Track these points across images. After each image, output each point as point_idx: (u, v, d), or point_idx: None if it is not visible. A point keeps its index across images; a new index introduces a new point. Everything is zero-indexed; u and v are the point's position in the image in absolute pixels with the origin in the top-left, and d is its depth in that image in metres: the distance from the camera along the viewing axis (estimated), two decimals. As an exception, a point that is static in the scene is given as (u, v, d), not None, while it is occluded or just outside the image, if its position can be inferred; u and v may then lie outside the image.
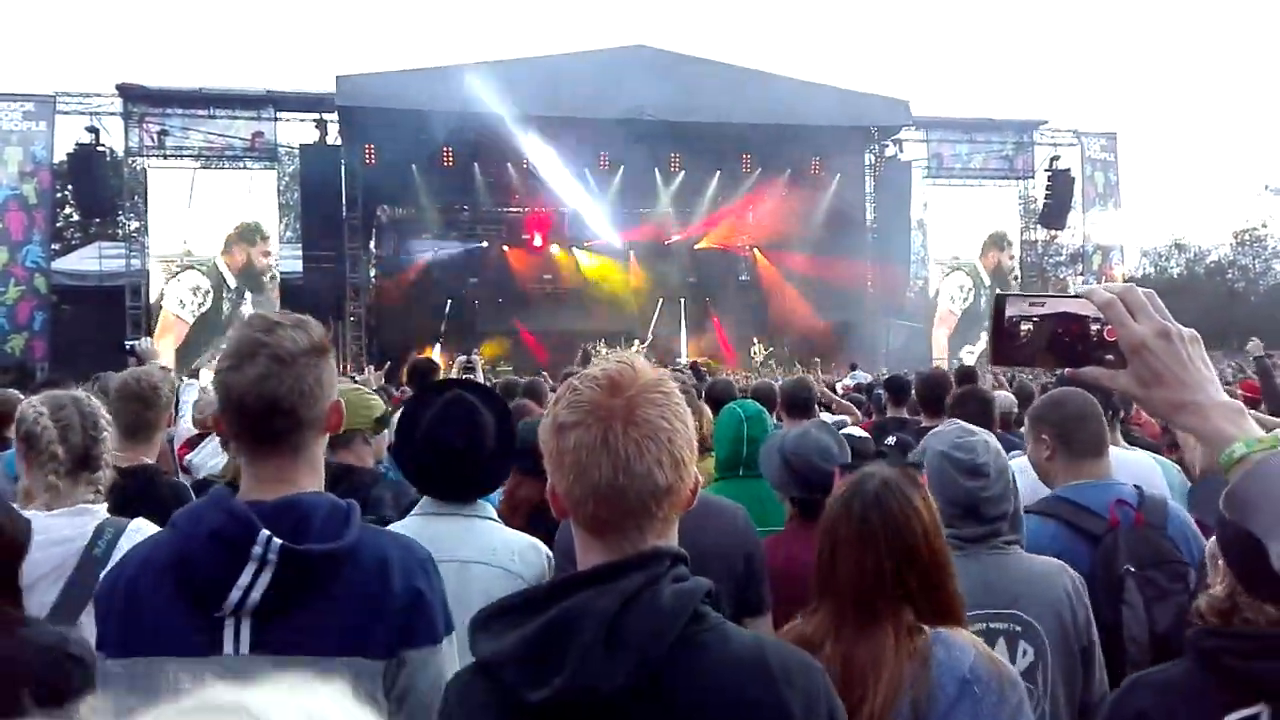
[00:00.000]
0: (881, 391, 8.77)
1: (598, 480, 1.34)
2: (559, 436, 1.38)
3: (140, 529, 2.53)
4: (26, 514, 2.53)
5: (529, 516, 3.19)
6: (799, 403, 5.46)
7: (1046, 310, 1.22)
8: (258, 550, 1.65)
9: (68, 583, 2.39)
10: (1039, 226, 25.27)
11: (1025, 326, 1.22)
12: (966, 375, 8.05)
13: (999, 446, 2.55)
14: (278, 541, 1.65)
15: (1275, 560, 1.10)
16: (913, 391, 6.84)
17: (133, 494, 3.00)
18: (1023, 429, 3.64)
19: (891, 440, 4.82)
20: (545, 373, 12.00)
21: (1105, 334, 1.20)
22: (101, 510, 2.58)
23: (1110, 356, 1.20)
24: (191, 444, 4.97)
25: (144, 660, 1.68)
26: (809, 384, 5.94)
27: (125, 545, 2.43)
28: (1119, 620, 2.66)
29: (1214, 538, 1.91)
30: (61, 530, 2.47)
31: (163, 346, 17.73)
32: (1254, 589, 1.72)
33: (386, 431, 3.63)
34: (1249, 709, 1.61)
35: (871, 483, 2.06)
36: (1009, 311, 1.22)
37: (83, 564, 2.42)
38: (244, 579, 1.64)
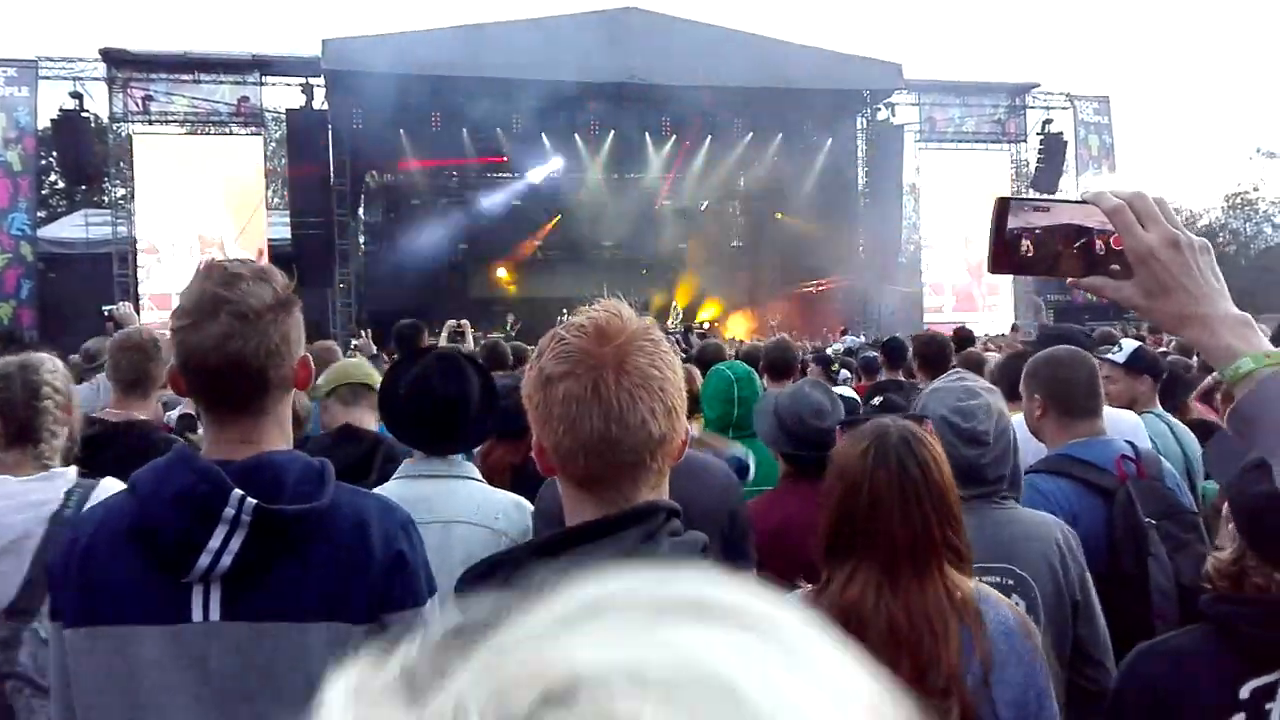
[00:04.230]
0: (875, 354, 8.76)
1: (590, 432, 1.28)
2: (546, 389, 1.31)
3: (109, 488, 2.44)
4: None
5: (511, 480, 3.14)
6: (780, 365, 5.46)
7: (1050, 217, 1.14)
8: (229, 511, 1.57)
9: (39, 548, 2.32)
10: (1032, 191, 25.18)
11: (1026, 235, 1.14)
12: (964, 338, 8.04)
13: (1000, 407, 2.48)
14: (252, 501, 1.57)
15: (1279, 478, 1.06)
16: (910, 354, 6.83)
17: (125, 450, 2.92)
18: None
19: (877, 401, 4.78)
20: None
21: (1111, 242, 1.13)
22: (72, 474, 2.50)
23: (1116, 266, 1.13)
24: None
25: (106, 629, 1.61)
26: (789, 346, 5.93)
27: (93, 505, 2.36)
28: (1145, 572, 2.65)
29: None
30: (31, 495, 2.40)
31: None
32: (1264, 551, 1.69)
33: None
34: (1266, 677, 1.58)
35: (894, 434, 1.97)
36: (1011, 218, 1.14)
37: (54, 525, 2.35)
38: (214, 542, 1.56)
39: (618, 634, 0.35)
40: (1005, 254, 1.15)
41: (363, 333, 13.89)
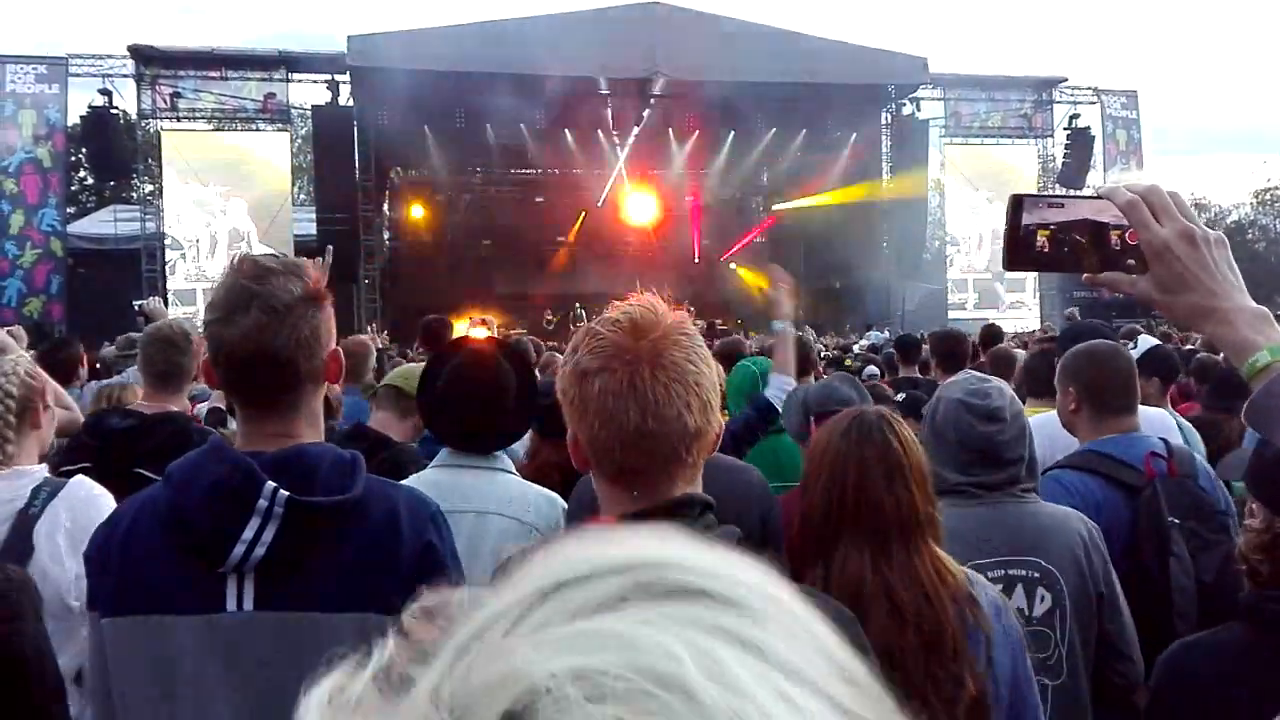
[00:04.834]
0: (892, 351, 8.74)
1: (626, 426, 1.29)
2: (582, 383, 1.32)
3: (78, 487, 2.46)
4: None
5: (561, 481, 3.01)
6: (799, 361, 5.45)
7: (1065, 213, 1.15)
8: (263, 503, 1.59)
9: (3, 544, 2.31)
10: (1058, 186, 24.98)
11: (1042, 231, 1.15)
12: (992, 335, 8.00)
13: (1013, 394, 2.53)
14: (284, 493, 1.59)
15: None
16: (926, 349, 6.81)
17: (159, 442, 2.94)
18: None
19: (900, 396, 4.80)
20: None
21: (1127, 237, 1.13)
22: (39, 471, 2.48)
23: (1131, 261, 1.13)
24: None
25: (142, 618, 1.63)
26: (807, 342, 5.92)
27: (61, 504, 2.37)
28: (1166, 571, 2.64)
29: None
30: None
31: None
32: None
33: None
34: None
35: (872, 415, 2.02)
36: (1026, 214, 1.15)
37: (17, 524, 2.33)
38: (248, 533, 1.59)
39: (574, 631, 0.35)
40: (1020, 250, 1.16)
41: (369, 327, 14.00)
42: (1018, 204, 1.16)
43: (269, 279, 1.66)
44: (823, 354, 9.81)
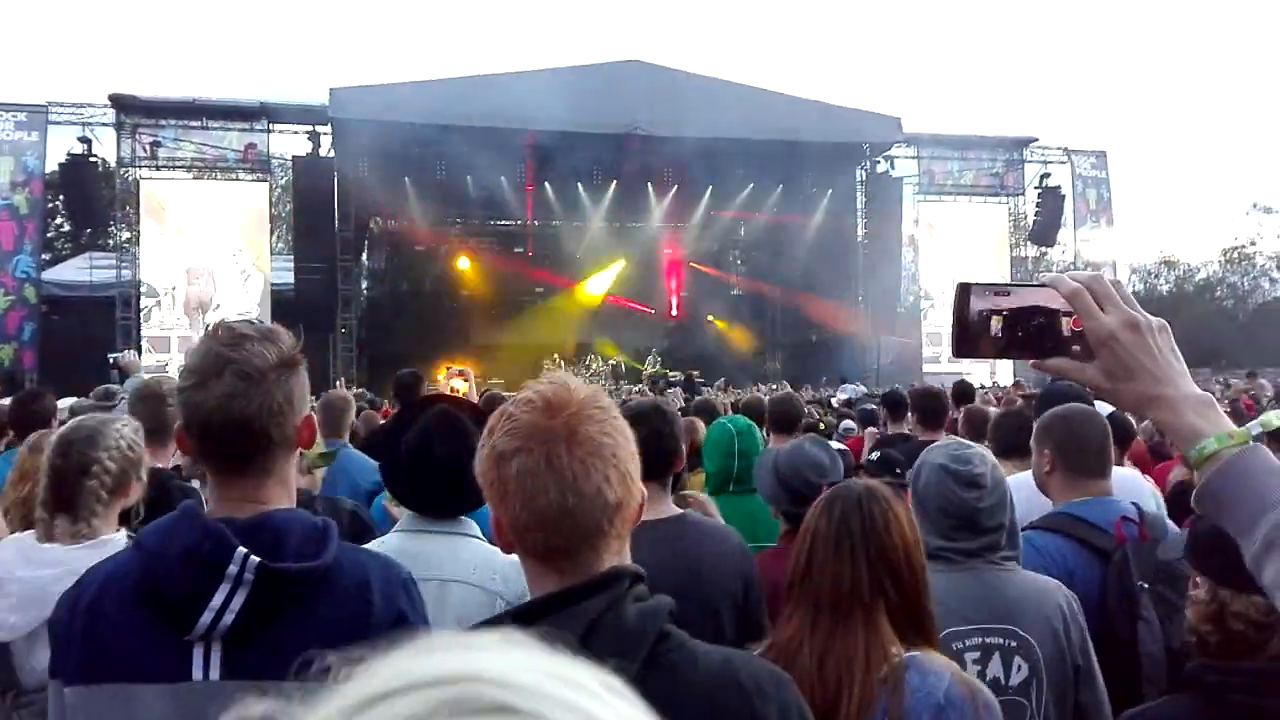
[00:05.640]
0: (872, 406, 8.78)
1: (547, 505, 1.29)
2: (500, 466, 1.32)
3: None
4: (47, 547, 2.46)
5: None
6: (786, 419, 5.44)
7: (1012, 301, 1.16)
8: (233, 569, 1.56)
9: None
10: (1029, 243, 25.38)
11: (992, 319, 1.16)
12: (963, 391, 8.06)
13: (995, 460, 2.54)
14: (255, 559, 1.57)
15: (1249, 560, 1.06)
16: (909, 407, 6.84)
17: (146, 501, 2.93)
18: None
19: (874, 455, 4.83)
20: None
21: (1072, 325, 1.15)
22: (121, 539, 2.49)
23: (1078, 348, 1.15)
24: None
25: (107, 687, 1.60)
26: (796, 400, 5.92)
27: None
28: (1135, 636, 2.65)
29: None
30: (81, 561, 2.33)
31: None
32: (1230, 579, 1.70)
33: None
34: None
35: (854, 490, 2.08)
36: (973, 302, 1.16)
37: None
38: (217, 600, 1.56)
39: None
40: (969, 337, 1.17)
41: (338, 383, 14.17)
42: (965, 292, 1.17)
43: (244, 345, 1.65)
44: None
